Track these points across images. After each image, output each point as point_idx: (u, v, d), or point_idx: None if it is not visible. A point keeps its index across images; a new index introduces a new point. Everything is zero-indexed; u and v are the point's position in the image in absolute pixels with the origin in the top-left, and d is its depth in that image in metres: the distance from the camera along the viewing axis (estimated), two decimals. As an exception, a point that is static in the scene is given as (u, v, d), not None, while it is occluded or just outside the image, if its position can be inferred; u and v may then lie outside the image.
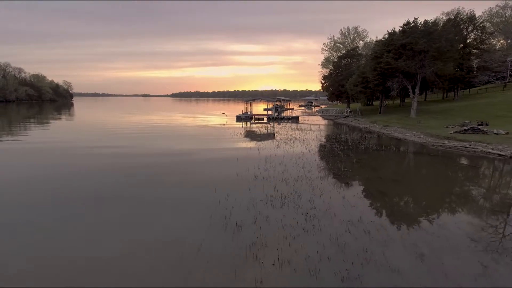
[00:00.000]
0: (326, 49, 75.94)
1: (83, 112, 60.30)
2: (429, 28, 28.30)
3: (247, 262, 5.64)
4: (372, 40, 66.07)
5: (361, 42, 71.16)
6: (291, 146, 19.05)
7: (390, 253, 5.99)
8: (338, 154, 16.70)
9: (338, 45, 74.01)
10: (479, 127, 21.44)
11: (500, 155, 16.35)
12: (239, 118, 39.87)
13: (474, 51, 41.45)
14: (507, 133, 20.16)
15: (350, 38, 73.30)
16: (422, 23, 29.48)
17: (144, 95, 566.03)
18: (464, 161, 15.49)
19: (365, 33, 72.05)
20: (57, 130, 28.84)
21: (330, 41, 75.93)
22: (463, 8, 60.81)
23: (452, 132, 21.82)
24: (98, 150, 17.49)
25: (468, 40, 43.11)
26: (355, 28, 71.85)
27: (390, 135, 25.12)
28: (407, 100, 52.20)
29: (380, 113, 39.78)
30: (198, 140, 21.79)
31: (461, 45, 41.90)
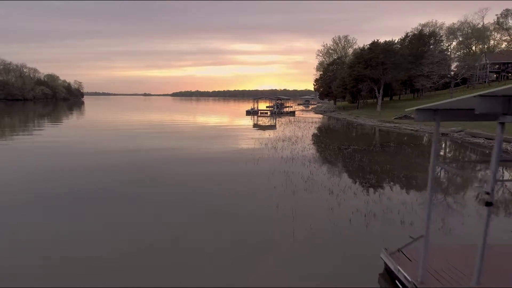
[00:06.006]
0: (320, 54, 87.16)
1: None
2: (387, 47, 39.60)
3: (272, 150, 16.87)
4: (359, 46, 77.49)
5: (350, 49, 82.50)
6: (288, 126, 30.36)
7: (319, 146, 17.28)
8: (316, 130, 28.05)
9: (331, 51, 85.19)
10: (411, 115, 32.74)
11: (412, 130, 27.70)
12: (248, 112, 51.25)
13: (436, 59, 52.99)
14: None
15: (341, 45, 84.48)
16: (383, 42, 40.80)
17: (145, 94, 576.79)
18: (383, 131, 26.76)
19: (354, 41, 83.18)
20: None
21: (323, 47, 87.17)
22: (436, 21, 72.27)
23: (393, 118, 33.16)
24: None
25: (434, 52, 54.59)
26: (345, 37, 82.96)
27: (357, 122, 36.47)
28: (385, 99, 63.76)
29: (357, 108, 51.23)
30: (226, 129, 33.13)
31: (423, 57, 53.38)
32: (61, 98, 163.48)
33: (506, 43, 74.57)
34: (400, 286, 4.61)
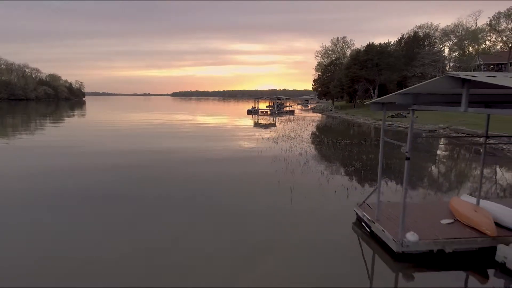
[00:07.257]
0: (319, 55, 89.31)
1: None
2: (382, 49, 41.71)
3: (273, 144, 18.91)
4: (357, 48, 79.53)
5: (348, 50, 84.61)
6: (287, 124, 32.43)
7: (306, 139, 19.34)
8: (313, 128, 30.12)
9: (329, 52, 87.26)
10: (403, 113, 34.86)
11: (402, 127, 29.80)
12: (249, 111, 53.36)
13: (427, 61, 55.09)
14: (416, 117, 33.46)
15: (339, 46, 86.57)
16: (378, 44, 42.94)
17: (145, 94, 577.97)
18: (376, 128, 28.81)
19: (352, 42, 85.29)
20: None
21: (322, 49, 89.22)
22: (432, 23, 73.99)
23: (386, 117, 35.24)
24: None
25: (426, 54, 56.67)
26: (343, 38, 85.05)
27: (352, 120, 38.56)
28: (381, 98, 66.03)
29: (354, 107, 53.34)
30: (229, 127, 35.21)
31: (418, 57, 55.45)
32: (63, 98, 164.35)
33: (501, 44, 76.78)
34: (365, 226, 6.67)
